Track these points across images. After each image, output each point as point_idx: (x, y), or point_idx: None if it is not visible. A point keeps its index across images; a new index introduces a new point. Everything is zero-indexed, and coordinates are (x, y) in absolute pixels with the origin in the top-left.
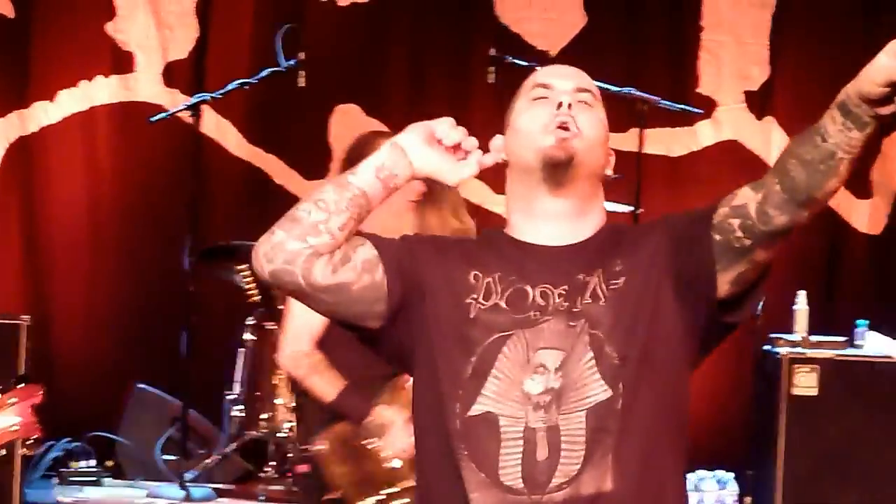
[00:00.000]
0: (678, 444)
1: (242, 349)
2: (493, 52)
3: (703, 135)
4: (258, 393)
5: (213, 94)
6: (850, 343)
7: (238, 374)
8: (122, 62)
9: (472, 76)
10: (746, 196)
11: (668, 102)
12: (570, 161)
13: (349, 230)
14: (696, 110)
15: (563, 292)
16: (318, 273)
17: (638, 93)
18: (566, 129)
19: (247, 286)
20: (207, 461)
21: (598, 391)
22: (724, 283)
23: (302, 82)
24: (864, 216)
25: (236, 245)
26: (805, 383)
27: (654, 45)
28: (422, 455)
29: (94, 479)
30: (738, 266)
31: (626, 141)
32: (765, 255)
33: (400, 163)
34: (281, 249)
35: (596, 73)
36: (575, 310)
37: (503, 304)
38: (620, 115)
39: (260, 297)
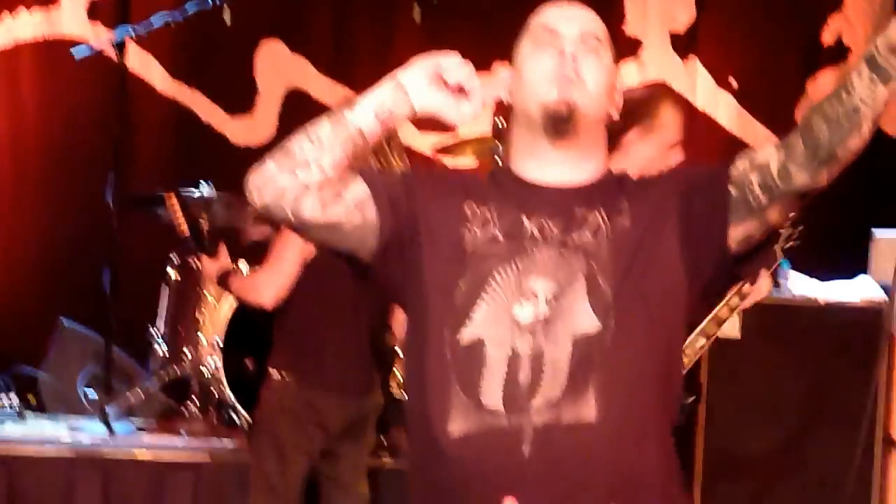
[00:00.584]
0: (668, 390)
1: (166, 285)
2: None
3: (628, 74)
4: (181, 329)
5: (137, 30)
6: (774, 285)
7: (161, 310)
8: None
9: (397, 13)
10: (769, 154)
11: None
12: (570, 115)
13: (341, 168)
14: None
15: (561, 224)
16: (308, 209)
17: None
18: (569, 81)
19: (176, 219)
20: (130, 397)
21: (587, 322)
22: (732, 238)
23: (228, 19)
24: None
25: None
26: (728, 327)
27: None
28: (411, 380)
29: (17, 413)
30: (749, 223)
31: None
32: (777, 217)
33: (401, 102)
34: (271, 183)
35: None
36: (571, 241)
37: (499, 235)
38: None
39: (189, 230)
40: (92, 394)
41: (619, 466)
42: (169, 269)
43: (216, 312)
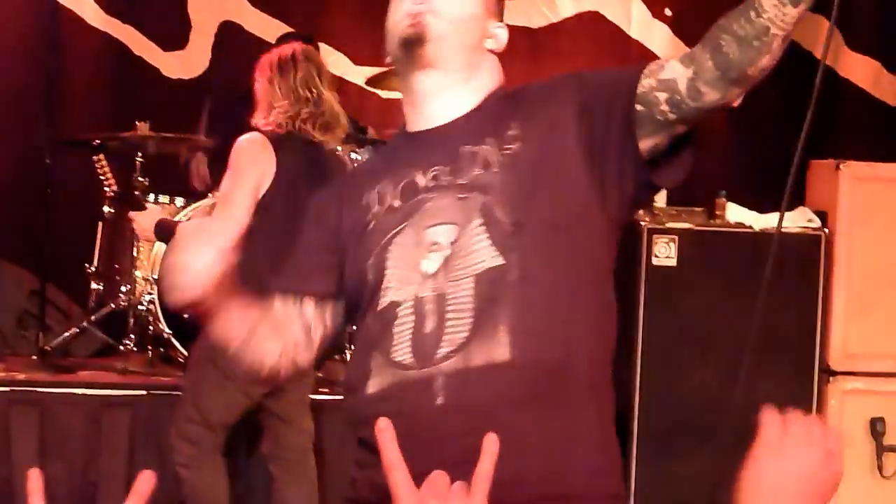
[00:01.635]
0: (598, 316)
1: (101, 222)
2: None
3: (563, 6)
4: (117, 266)
5: None
6: (709, 214)
7: (97, 247)
8: None
9: None
10: (675, 70)
11: None
12: (422, 37)
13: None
14: None
15: (452, 168)
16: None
17: None
18: (417, 11)
19: (103, 177)
20: (66, 334)
21: (487, 257)
22: (642, 150)
23: None
24: None
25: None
26: (664, 254)
27: None
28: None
29: None
30: (656, 138)
31: None
32: (685, 129)
33: None
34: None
35: None
36: (462, 182)
37: (396, 203)
38: None
39: (117, 188)
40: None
41: (542, 407)
42: (105, 207)
43: (152, 249)
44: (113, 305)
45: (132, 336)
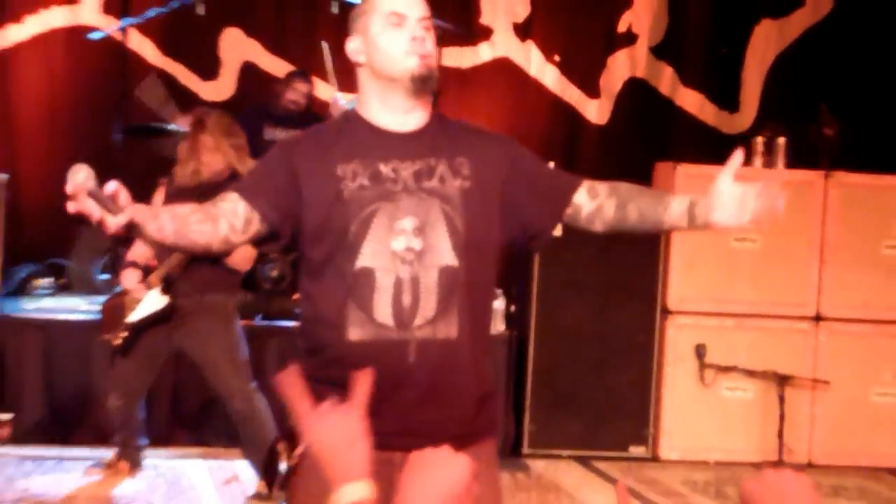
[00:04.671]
0: (491, 306)
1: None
2: None
3: (484, 53)
4: None
5: (136, 20)
6: None
7: None
8: None
9: (321, 8)
10: (585, 202)
11: (458, 29)
12: (431, 75)
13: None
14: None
15: (413, 171)
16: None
17: (439, 21)
18: (425, 54)
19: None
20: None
21: (448, 257)
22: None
23: (201, 11)
24: (594, 111)
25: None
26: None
27: None
28: (310, 298)
29: (51, 293)
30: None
31: None
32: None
33: None
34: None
35: None
36: (425, 187)
37: (366, 183)
38: None
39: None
40: (105, 277)
41: (476, 375)
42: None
43: None
44: None
45: None
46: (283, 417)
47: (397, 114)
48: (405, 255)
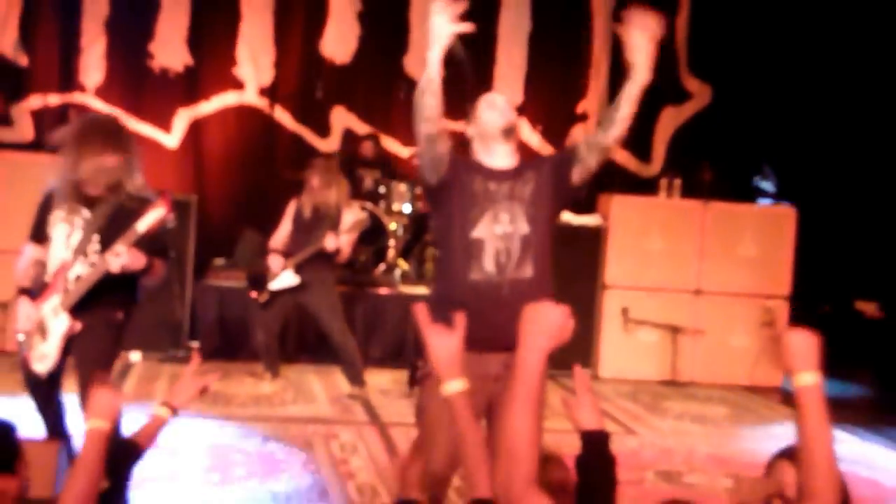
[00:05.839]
0: (549, 257)
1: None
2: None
3: None
4: None
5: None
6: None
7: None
8: (238, 84)
9: (395, 93)
10: (578, 141)
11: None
12: (514, 130)
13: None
14: None
15: (507, 187)
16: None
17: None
18: (511, 125)
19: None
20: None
21: (525, 228)
22: (574, 180)
23: (320, 95)
24: None
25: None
26: None
27: None
28: (443, 251)
29: (224, 271)
30: (581, 169)
31: None
32: (594, 166)
33: (437, 47)
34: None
35: None
36: (513, 195)
37: (486, 189)
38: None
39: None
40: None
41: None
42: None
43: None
44: None
45: None
46: (418, 338)
47: (498, 157)
48: (503, 234)
